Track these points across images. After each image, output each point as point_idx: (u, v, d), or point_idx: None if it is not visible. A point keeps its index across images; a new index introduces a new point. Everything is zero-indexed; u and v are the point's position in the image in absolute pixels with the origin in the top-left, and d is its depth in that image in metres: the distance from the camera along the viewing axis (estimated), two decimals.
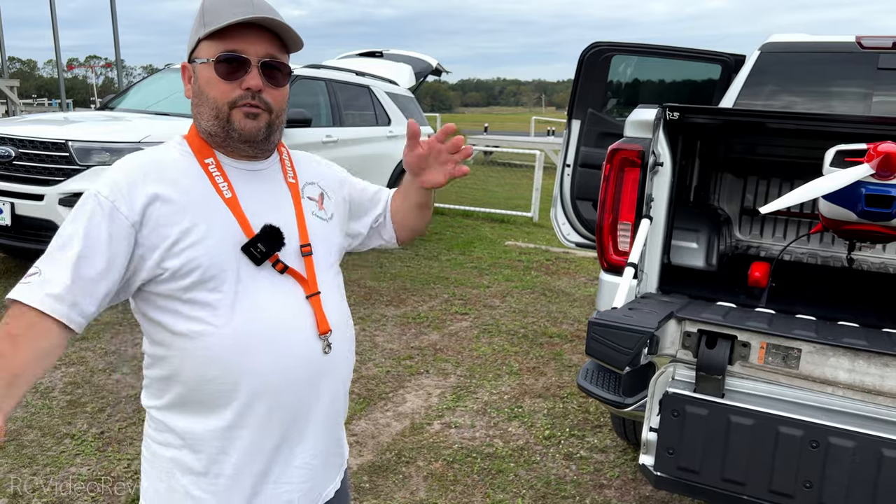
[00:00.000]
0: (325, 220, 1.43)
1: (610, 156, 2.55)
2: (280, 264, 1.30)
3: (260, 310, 1.27)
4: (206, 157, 1.31)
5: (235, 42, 1.25)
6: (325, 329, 1.34)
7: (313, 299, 1.33)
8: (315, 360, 1.33)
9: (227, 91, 1.26)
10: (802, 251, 3.43)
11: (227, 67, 1.26)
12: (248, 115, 1.27)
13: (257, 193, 1.33)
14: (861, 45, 3.53)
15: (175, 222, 1.23)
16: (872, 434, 1.85)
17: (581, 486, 3.06)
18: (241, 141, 1.29)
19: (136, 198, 1.22)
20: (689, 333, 2.11)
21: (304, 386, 1.34)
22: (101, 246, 1.19)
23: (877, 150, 1.96)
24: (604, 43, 4.30)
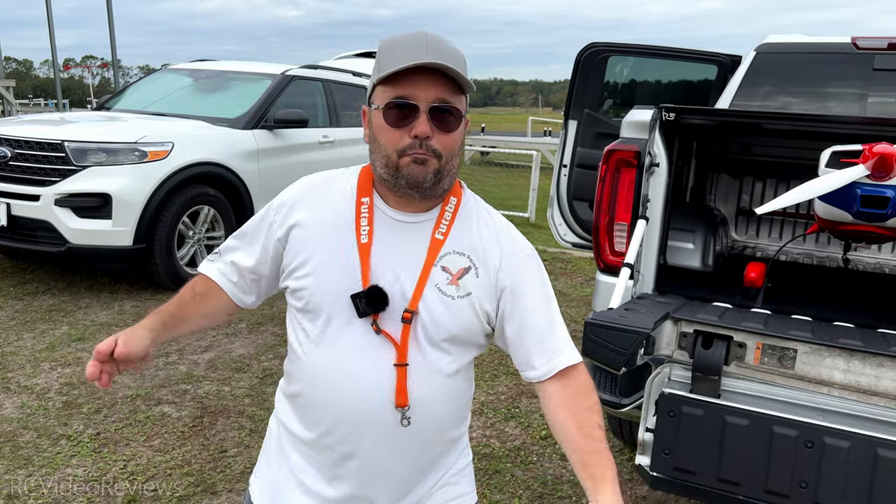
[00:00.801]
0: (450, 298, 1.30)
1: (606, 156, 2.55)
2: (375, 326, 1.27)
3: (344, 356, 1.29)
4: (363, 195, 1.33)
5: (406, 87, 1.23)
6: (401, 402, 1.28)
7: (399, 369, 1.28)
8: (385, 428, 1.30)
9: (396, 138, 1.24)
10: (798, 252, 3.44)
11: (396, 114, 1.24)
12: (416, 161, 1.25)
13: (397, 246, 1.31)
14: (856, 45, 3.54)
15: (304, 249, 1.32)
16: (867, 434, 1.85)
17: (578, 487, 3.06)
18: (409, 187, 1.27)
19: (289, 219, 1.35)
20: (685, 334, 2.11)
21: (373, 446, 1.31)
22: (256, 249, 1.40)
23: (872, 151, 1.97)
24: (600, 43, 4.31)
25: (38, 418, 3.45)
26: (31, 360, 4.15)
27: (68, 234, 5.01)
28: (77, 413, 3.52)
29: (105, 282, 5.69)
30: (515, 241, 1.39)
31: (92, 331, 4.64)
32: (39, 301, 5.23)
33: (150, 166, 5.18)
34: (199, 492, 2.86)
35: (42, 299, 5.27)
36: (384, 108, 1.24)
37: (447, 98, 1.24)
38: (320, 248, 1.31)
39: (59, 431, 3.33)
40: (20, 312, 4.97)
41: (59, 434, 3.30)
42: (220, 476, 2.97)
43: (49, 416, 3.48)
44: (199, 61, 7.52)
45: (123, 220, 5.07)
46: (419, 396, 1.29)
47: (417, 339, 1.29)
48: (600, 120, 4.26)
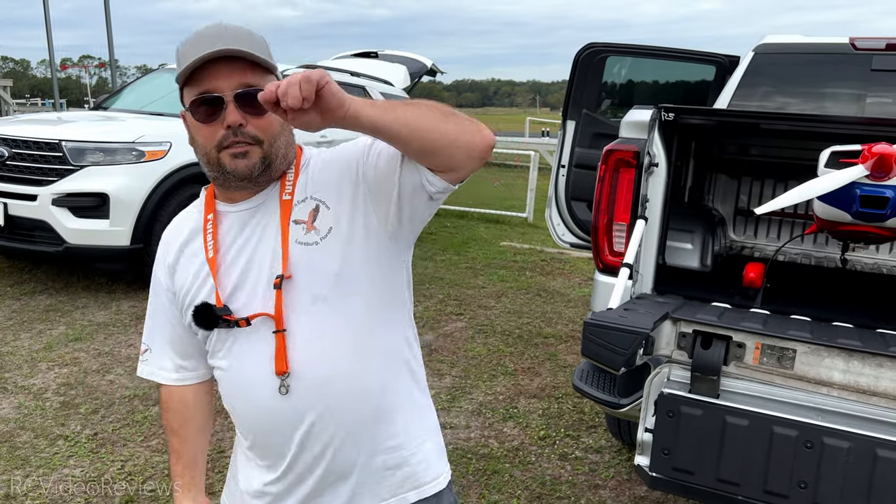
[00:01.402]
0: (311, 245, 1.26)
1: (605, 156, 2.55)
2: (242, 321, 1.26)
3: (231, 356, 1.31)
4: (208, 211, 1.33)
5: (207, 82, 1.19)
6: (281, 369, 1.24)
7: (277, 336, 1.25)
8: (270, 402, 1.26)
9: (210, 134, 1.21)
10: (796, 252, 3.44)
11: (204, 110, 1.20)
12: (237, 156, 1.21)
13: (243, 236, 1.30)
14: (855, 46, 3.54)
15: (182, 283, 1.34)
16: (867, 434, 1.85)
17: (576, 487, 3.06)
18: (239, 180, 1.24)
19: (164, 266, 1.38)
20: (684, 334, 2.11)
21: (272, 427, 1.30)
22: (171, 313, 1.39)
23: (871, 152, 1.97)
24: (598, 44, 4.31)
25: (35, 418, 3.44)
26: (28, 361, 4.14)
27: (66, 233, 5.00)
28: (74, 413, 3.51)
29: (102, 282, 5.67)
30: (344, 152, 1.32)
31: (89, 331, 4.63)
32: (36, 301, 5.21)
33: (147, 166, 5.17)
34: None
35: (39, 299, 5.25)
36: (191, 107, 1.21)
37: (251, 82, 1.19)
38: (190, 279, 1.33)
39: (57, 432, 3.32)
40: (17, 312, 4.96)
41: (57, 434, 3.29)
42: (217, 476, 2.96)
43: (46, 416, 3.47)
44: None
45: (121, 219, 5.06)
46: (304, 361, 1.25)
47: (295, 302, 1.24)
48: (598, 120, 4.26)
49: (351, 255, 1.26)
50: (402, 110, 1.09)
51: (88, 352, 4.31)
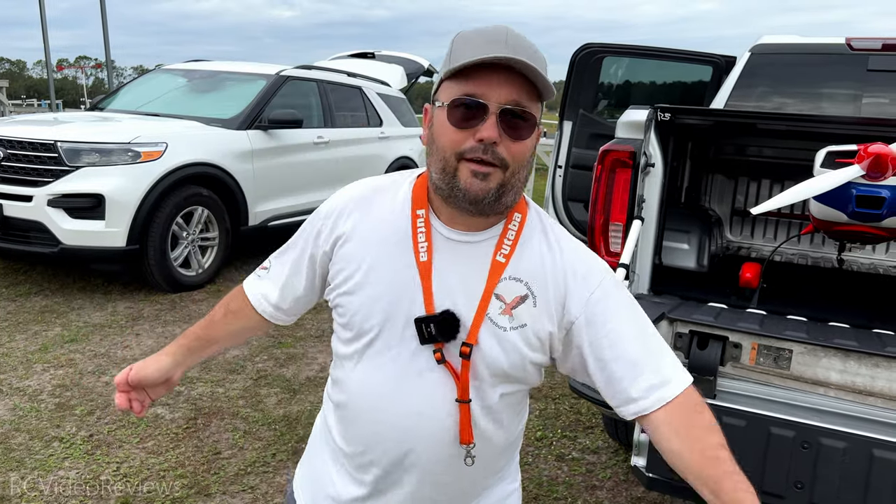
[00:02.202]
0: (502, 329, 1.15)
1: (601, 157, 2.55)
2: (439, 354, 1.14)
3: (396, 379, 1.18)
4: (418, 206, 1.19)
5: (477, 85, 1.07)
6: (466, 440, 1.17)
7: (463, 406, 1.16)
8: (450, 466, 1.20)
9: (458, 140, 1.09)
10: (792, 252, 3.45)
11: (461, 113, 1.08)
12: (476, 175, 1.09)
13: (455, 267, 1.17)
14: (851, 46, 3.55)
15: (349, 264, 1.20)
16: (863, 435, 1.85)
17: (573, 488, 3.06)
18: (467, 202, 1.11)
19: (336, 231, 1.24)
20: (680, 334, 2.11)
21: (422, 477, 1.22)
22: (301, 267, 1.31)
23: (867, 152, 1.97)
24: (595, 44, 4.31)
25: (30, 420, 3.43)
26: (23, 362, 4.12)
27: (61, 234, 4.98)
28: (70, 415, 3.49)
29: (98, 283, 5.66)
30: (586, 262, 1.20)
31: (85, 332, 4.62)
32: (32, 302, 5.20)
33: (143, 167, 5.16)
34: (193, 493, 2.85)
35: (35, 300, 5.24)
36: (449, 106, 1.09)
37: (521, 101, 1.08)
38: (370, 264, 1.18)
39: (52, 433, 3.31)
40: (12, 314, 4.94)
41: (52, 436, 3.28)
42: (214, 478, 2.95)
43: (41, 417, 3.46)
44: (193, 61, 7.50)
45: (117, 220, 5.05)
46: (479, 433, 1.19)
47: (476, 375, 1.16)
48: (595, 121, 4.26)
49: (523, 357, 1.18)
50: None
51: (84, 353, 4.29)
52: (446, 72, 1.10)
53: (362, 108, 7.67)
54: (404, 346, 1.16)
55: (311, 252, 1.27)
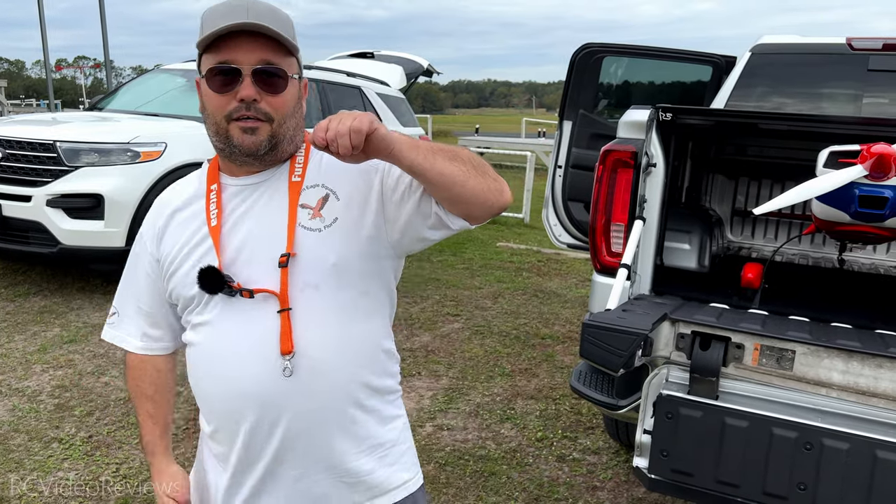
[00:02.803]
0: (316, 231, 1.26)
1: (603, 157, 2.54)
2: (245, 292, 1.25)
3: (224, 332, 1.28)
4: (211, 182, 1.33)
5: (228, 52, 1.21)
6: (286, 349, 1.23)
7: (283, 315, 1.24)
8: (269, 380, 1.24)
9: (223, 104, 1.22)
10: (793, 252, 3.44)
11: (220, 80, 1.22)
12: (246, 130, 1.23)
13: (247, 210, 1.30)
14: (851, 46, 3.54)
15: (170, 252, 1.33)
16: (866, 436, 1.84)
17: (574, 488, 3.05)
18: (244, 155, 1.26)
19: (152, 234, 1.38)
20: (682, 335, 2.10)
21: (260, 408, 1.26)
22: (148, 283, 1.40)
23: (870, 152, 1.96)
24: (595, 44, 4.30)
25: (29, 421, 3.41)
26: (22, 363, 4.11)
27: (60, 234, 4.97)
28: (69, 416, 3.48)
29: (97, 283, 5.65)
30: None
31: (84, 332, 4.61)
32: (31, 303, 5.18)
33: (142, 167, 5.15)
34: None
35: (33, 301, 5.22)
36: (208, 75, 1.22)
37: (272, 59, 1.22)
38: (180, 245, 1.32)
39: (51, 434, 3.30)
40: (11, 314, 4.93)
41: (51, 437, 3.27)
42: None
43: (41, 418, 3.45)
44: (192, 61, 7.48)
45: (116, 220, 5.03)
46: (309, 340, 1.24)
47: (297, 282, 1.25)
48: (595, 121, 4.25)
49: (350, 250, 1.27)
50: (440, 159, 1.14)
51: (83, 354, 4.28)
52: (199, 45, 1.23)
53: (362, 108, 7.64)
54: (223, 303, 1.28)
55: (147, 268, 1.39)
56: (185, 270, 1.30)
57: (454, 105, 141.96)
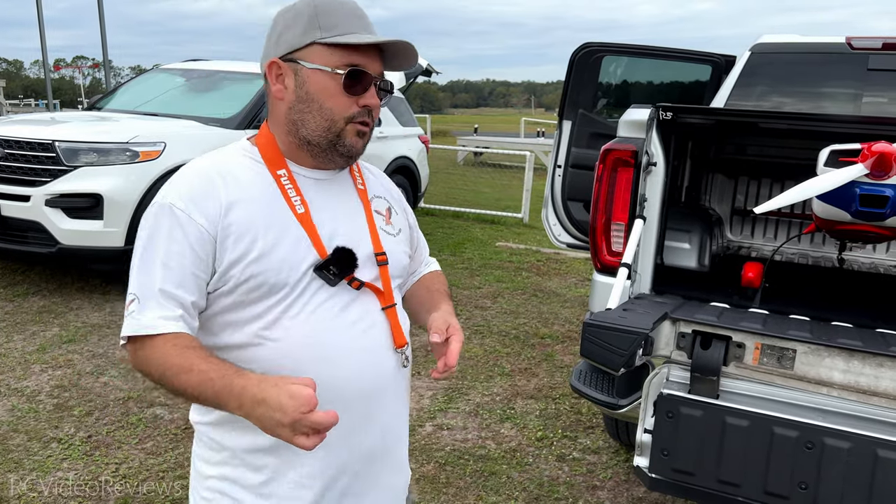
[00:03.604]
0: (393, 235, 1.39)
1: (603, 156, 2.54)
2: (356, 282, 1.27)
3: (333, 321, 1.25)
4: (278, 167, 1.27)
5: (360, 57, 1.24)
6: (401, 342, 1.33)
7: (389, 311, 1.32)
8: (391, 374, 1.33)
9: (348, 105, 1.24)
10: (793, 251, 3.44)
11: (351, 82, 1.23)
12: (360, 134, 1.27)
13: (330, 203, 1.30)
14: (851, 45, 3.54)
15: (244, 233, 1.20)
16: (867, 435, 1.84)
17: (574, 488, 3.05)
18: (344, 156, 1.29)
19: (212, 207, 1.20)
20: (683, 334, 2.10)
21: (376, 402, 1.32)
22: (187, 264, 1.19)
23: (871, 150, 1.96)
24: (594, 43, 4.29)
25: (28, 421, 3.41)
26: (21, 363, 4.11)
27: (59, 234, 4.96)
28: (68, 416, 3.48)
29: (96, 283, 5.64)
30: (393, 185, 1.52)
31: (83, 332, 4.60)
32: (30, 303, 5.18)
33: (141, 166, 5.14)
34: None
35: (32, 301, 5.22)
36: (344, 75, 1.22)
37: (383, 72, 1.29)
38: (264, 228, 1.21)
39: (50, 434, 3.29)
40: (10, 314, 4.92)
41: (50, 437, 3.26)
42: None
43: (40, 418, 3.44)
44: (191, 61, 7.48)
45: (115, 220, 5.02)
46: (406, 334, 1.36)
47: (391, 280, 1.35)
48: (595, 120, 4.24)
49: (406, 261, 1.44)
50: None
51: (82, 353, 4.27)
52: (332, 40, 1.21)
53: None
54: (322, 293, 1.25)
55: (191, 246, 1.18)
56: (282, 254, 1.21)
57: (453, 105, 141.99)
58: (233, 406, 1.08)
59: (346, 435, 1.24)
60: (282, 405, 1.01)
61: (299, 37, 1.23)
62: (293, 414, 1.00)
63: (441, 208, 10.42)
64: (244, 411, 1.06)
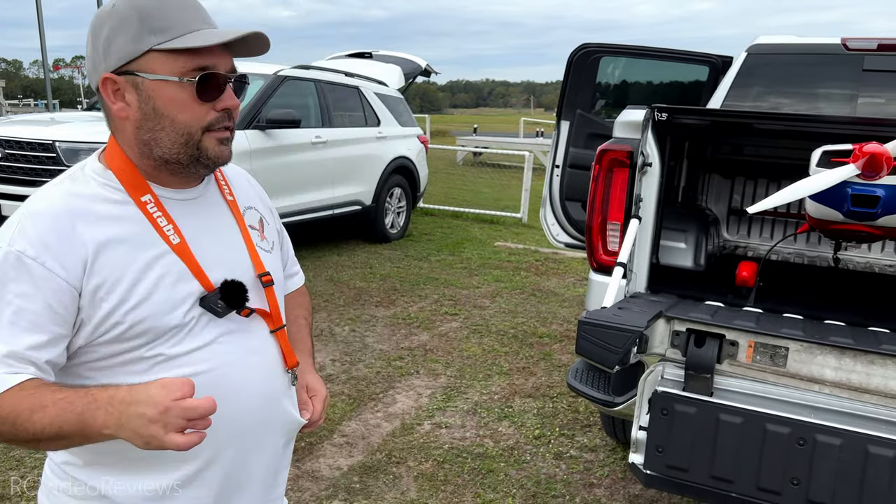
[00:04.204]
0: (269, 252, 1.29)
1: (599, 156, 2.56)
2: (246, 310, 1.18)
3: (225, 356, 1.15)
4: (142, 193, 1.12)
5: (208, 57, 1.09)
6: (292, 363, 1.28)
7: (279, 333, 1.25)
8: (281, 396, 1.27)
9: (202, 114, 1.10)
10: (789, 251, 3.47)
11: (203, 87, 1.09)
12: (223, 142, 1.14)
13: (203, 225, 1.18)
14: (846, 46, 3.56)
15: (118, 281, 1.06)
16: (858, 431, 1.87)
17: (571, 486, 3.07)
18: (211, 167, 1.17)
19: (71, 254, 1.04)
20: (677, 332, 2.12)
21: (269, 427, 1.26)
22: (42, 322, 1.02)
23: (862, 151, 1.98)
24: (592, 44, 4.32)
25: None
26: None
27: None
28: None
29: None
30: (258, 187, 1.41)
31: None
32: None
33: None
34: None
35: None
36: (192, 81, 1.08)
37: (234, 66, 1.15)
38: (135, 273, 1.08)
39: None
40: None
41: None
42: None
43: None
44: None
45: None
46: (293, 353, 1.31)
47: (277, 299, 1.28)
48: (593, 120, 4.27)
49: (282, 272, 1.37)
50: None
51: None
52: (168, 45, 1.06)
53: (360, 108, 7.67)
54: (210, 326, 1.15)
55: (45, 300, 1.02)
56: (164, 295, 1.09)
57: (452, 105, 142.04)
58: (100, 421, 0.95)
59: (244, 462, 1.23)
60: (151, 396, 0.93)
61: (131, 45, 1.07)
62: (164, 402, 0.91)
63: (440, 208, 10.45)
64: (113, 420, 0.94)
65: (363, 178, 7.49)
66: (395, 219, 8.23)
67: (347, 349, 4.58)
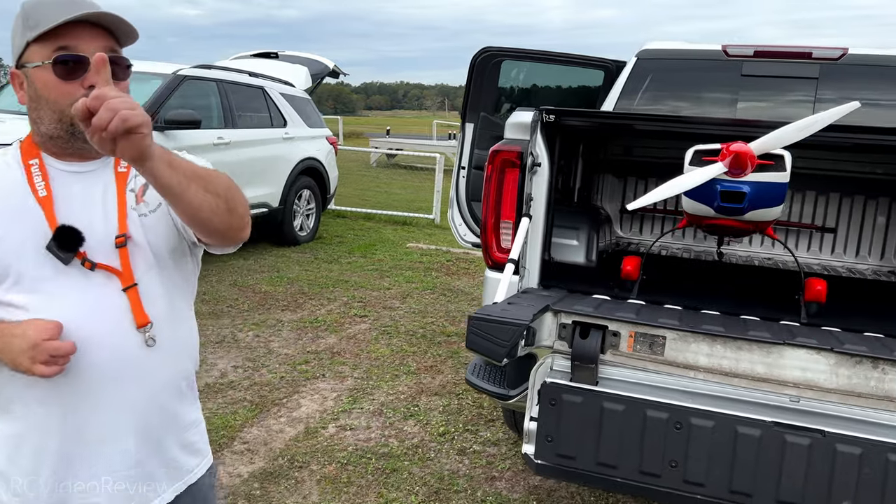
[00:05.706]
0: (144, 215, 1.35)
1: (491, 157, 2.62)
2: (88, 263, 1.27)
3: (68, 306, 1.25)
4: (30, 158, 1.31)
5: (68, 40, 1.24)
6: (143, 321, 1.30)
7: (130, 291, 1.30)
8: (131, 354, 1.30)
9: (70, 92, 1.24)
10: (677, 246, 3.65)
11: (65, 68, 1.24)
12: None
13: (79, 194, 1.31)
14: (727, 53, 3.78)
15: None
16: (729, 413, 1.99)
17: (473, 480, 3.12)
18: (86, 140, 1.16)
19: None
20: (564, 325, 2.20)
21: (118, 384, 1.30)
22: None
23: (729, 150, 2.11)
24: (494, 48, 4.40)
25: None
26: None
27: None
28: None
29: None
30: None
31: None
32: None
33: None
34: None
35: None
36: (53, 63, 1.24)
37: (113, 48, 1.29)
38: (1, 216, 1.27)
39: None
40: None
41: None
42: None
43: None
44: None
45: None
46: (158, 317, 1.33)
47: (137, 262, 1.32)
48: (496, 123, 4.35)
49: (171, 235, 1.38)
50: (195, 188, 1.19)
51: None
52: (35, 35, 1.23)
53: (265, 109, 7.53)
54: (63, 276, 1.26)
55: None
56: (19, 237, 1.25)
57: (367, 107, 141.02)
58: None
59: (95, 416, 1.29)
60: (25, 332, 1.19)
61: (19, 42, 1.28)
62: (34, 339, 1.18)
63: (353, 210, 10.39)
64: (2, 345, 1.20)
65: (269, 179, 7.35)
66: (305, 221, 8.12)
67: (251, 355, 4.49)
